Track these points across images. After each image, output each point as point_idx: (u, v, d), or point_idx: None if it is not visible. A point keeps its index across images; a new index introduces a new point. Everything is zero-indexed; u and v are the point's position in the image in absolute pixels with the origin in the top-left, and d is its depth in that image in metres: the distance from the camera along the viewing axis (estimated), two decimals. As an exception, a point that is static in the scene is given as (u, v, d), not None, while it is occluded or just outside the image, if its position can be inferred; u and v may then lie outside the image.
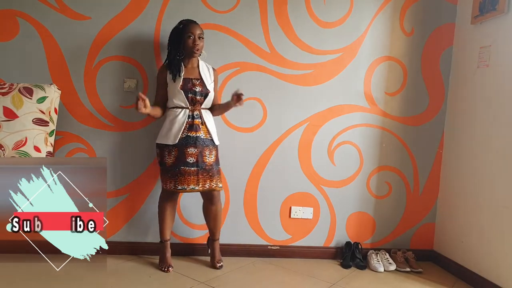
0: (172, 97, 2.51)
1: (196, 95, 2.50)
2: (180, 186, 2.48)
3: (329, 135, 2.96)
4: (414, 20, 2.97)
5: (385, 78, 2.98)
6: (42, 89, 2.40)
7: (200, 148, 2.49)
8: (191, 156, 2.47)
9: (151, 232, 2.83)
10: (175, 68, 2.50)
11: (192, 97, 2.49)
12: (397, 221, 3.07)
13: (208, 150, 2.52)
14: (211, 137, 2.55)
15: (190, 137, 2.48)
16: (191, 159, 2.47)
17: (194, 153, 2.48)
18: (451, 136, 3.00)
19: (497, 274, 2.48)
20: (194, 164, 2.48)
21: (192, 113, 2.50)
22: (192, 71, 2.55)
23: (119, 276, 2.47)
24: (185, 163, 2.47)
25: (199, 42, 2.49)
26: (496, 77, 2.59)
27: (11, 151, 2.28)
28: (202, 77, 2.55)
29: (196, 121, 2.50)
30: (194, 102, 2.51)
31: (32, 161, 2.34)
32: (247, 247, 2.91)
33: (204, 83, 2.54)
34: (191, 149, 2.48)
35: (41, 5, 2.62)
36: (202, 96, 2.52)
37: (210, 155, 2.53)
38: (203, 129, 2.52)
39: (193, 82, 2.51)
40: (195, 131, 2.49)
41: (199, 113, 2.52)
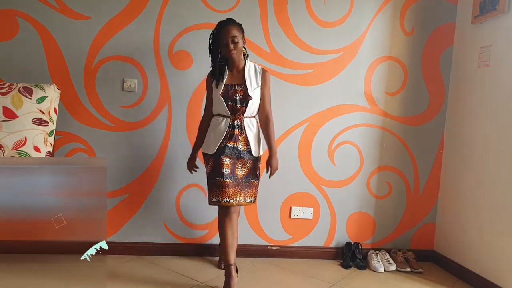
0: (215, 105, 2.38)
1: (237, 103, 2.32)
2: (215, 199, 2.30)
3: (329, 135, 2.95)
4: (415, 20, 2.97)
5: (385, 78, 2.98)
6: (42, 89, 2.39)
7: (234, 159, 2.34)
8: (226, 167, 2.31)
9: (151, 232, 2.83)
10: (217, 74, 2.36)
11: (233, 105, 2.32)
12: (398, 221, 3.07)
13: (241, 162, 2.36)
14: (248, 148, 2.36)
15: (227, 147, 2.32)
16: (227, 170, 2.30)
17: (229, 163, 2.32)
18: (451, 136, 3.00)
19: (497, 274, 2.47)
20: (229, 176, 2.30)
21: (233, 122, 2.34)
22: (237, 76, 2.37)
23: (119, 276, 2.47)
24: (221, 174, 2.29)
25: (233, 46, 2.28)
26: (496, 77, 2.58)
27: (10, 151, 2.27)
28: (246, 82, 2.35)
29: (236, 131, 2.33)
30: (235, 110, 2.33)
31: (32, 161, 2.34)
32: (247, 247, 2.91)
33: (247, 89, 2.34)
34: (227, 159, 2.32)
35: (41, 5, 2.62)
36: (243, 104, 2.32)
37: (243, 168, 2.36)
38: (242, 139, 2.35)
39: (235, 88, 2.34)
40: (234, 141, 2.33)
41: (240, 123, 2.35)
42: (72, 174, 2.69)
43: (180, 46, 2.76)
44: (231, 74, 2.38)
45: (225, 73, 2.37)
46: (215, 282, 2.46)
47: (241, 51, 2.34)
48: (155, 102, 2.77)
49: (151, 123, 2.77)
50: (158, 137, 2.79)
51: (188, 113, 2.80)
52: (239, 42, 2.30)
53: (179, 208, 2.84)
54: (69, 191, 2.67)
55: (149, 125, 2.77)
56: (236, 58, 2.32)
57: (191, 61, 2.77)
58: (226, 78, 2.36)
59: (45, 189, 2.63)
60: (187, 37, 2.75)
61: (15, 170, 2.58)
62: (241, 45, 2.32)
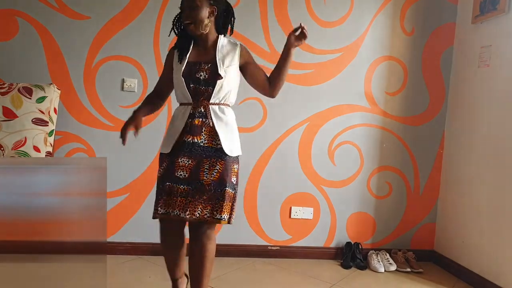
0: (175, 89, 1.90)
1: (200, 84, 1.80)
2: (163, 210, 1.77)
3: (329, 135, 2.95)
4: (415, 20, 2.97)
5: (385, 78, 2.98)
6: (42, 89, 2.39)
7: (196, 159, 1.79)
8: (181, 170, 1.78)
9: (151, 232, 2.82)
10: (181, 45, 1.86)
11: (195, 88, 1.80)
12: (398, 221, 3.07)
13: (208, 163, 1.79)
14: (218, 145, 1.81)
15: (184, 143, 1.79)
16: (182, 173, 1.78)
17: (187, 165, 1.78)
18: (451, 136, 3.00)
19: (498, 274, 2.47)
20: (185, 181, 1.77)
21: (194, 111, 1.81)
22: (204, 54, 1.86)
23: (119, 276, 2.47)
24: (172, 178, 1.78)
25: (189, 12, 1.78)
26: (496, 77, 2.58)
27: (10, 151, 2.27)
28: (216, 58, 1.83)
29: (198, 120, 1.80)
30: (198, 94, 1.81)
31: (32, 161, 2.34)
32: (247, 247, 2.91)
33: (216, 66, 1.81)
34: (183, 159, 1.78)
35: (40, 5, 2.62)
36: (210, 85, 1.80)
37: (211, 171, 1.78)
38: (206, 132, 1.81)
39: (200, 65, 1.82)
40: (193, 134, 1.79)
41: (205, 110, 1.81)
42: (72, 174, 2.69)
43: (180, 46, 2.75)
44: (197, 51, 1.87)
45: (190, 47, 1.86)
46: (215, 282, 2.46)
47: (203, 24, 1.80)
48: (155, 102, 2.77)
49: (151, 123, 2.77)
50: (158, 137, 2.78)
51: (188, 113, 2.79)
52: (200, 10, 1.78)
53: (179, 208, 2.84)
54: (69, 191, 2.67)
55: (149, 125, 2.77)
56: (194, 31, 1.81)
57: (191, 61, 2.77)
58: (189, 54, 1.85)
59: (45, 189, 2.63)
60: (187, 37, 2.75)
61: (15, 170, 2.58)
62: (204, 15, 1.79)
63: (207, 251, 1.83)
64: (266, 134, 2.88)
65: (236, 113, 2.76)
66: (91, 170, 2.68)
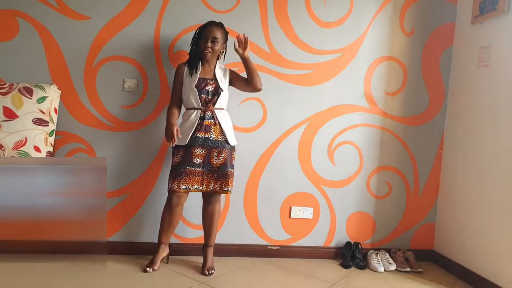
0: (186, 97, 2.52)
1: (209, 94, 2.50)
2: (184, 186, 2.46)
3: (329, 135, 2.95)
4: (414, 20, 2.97)
5: (385, 78, 2.98)
6: (42, 89, 2.39)
7: (208, 150, 2.48)
8: (197, 157, 2.47)
9: (151, 232, 2.83)
10: (193, 63, 2.52)
11: (205, 98, 2.50)
12: (397, 221, 3.07)
13: (217, 151, 2.49)
14: (224, 138, 2.51)
15: (198, 138, 2.47)
16: (198, 160, 2.47)
17: (201, 154, 2.48)
18: (451, 136, 3.00)
19: (497, 274, 2.48)
20: (200, 165, 2.48)
21: (204, 114, 2.49)
22: (208, 71, 2.56)
23: (119, 276, 2.47)
24: (192, 163, 2.47)
25: (211, 45, 2.48)
26: (496, 77, 2.58)
27: (11, 151, 2.27)
28: (216, 77, 2.54)
29: (206, 121, 2.49)
30: (207, 102, 2.50)
31: (32, 161, 2.34)
32: (247, 247, 2.91)
33: (218, 82, 2.53)
34: (198, 149, 2.47)
35: (41, 5, 2.62)
36: (215, 95, 2.51)
37: (219, 157, 2.50)
38: (215, 130, 2.49)
39: (207, 81, 2.52)
40: (204, 131, 2.48)
41: (212, 114, 2.50)
42: (72, 174, 2.70)
43: (180, 46, 2.76)
44: (203, 69, 2.55)
45: (199, 65, 2.54)
46: (215, 282, 2.46)
47: (216, 54, 2.54)
48: (155, 102, 2.77)
49: (151, 123, 2.77)
50: (158, 137, 2.79)
51: (188, 113, 2.80)
52: (218, 44, 2.50)
53: (179, 208, 2.84)
54: (69, 191, 2.68)
55: (149, 125, 2.77)
56: (208, 58, 2.52)
57: (191, 61, 2.77)
58: (200, 70, 2.53)
59: (45, 189, 2.64)
60: (187, 37, 2.75)
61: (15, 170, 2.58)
62: (219, 48, 2.52)
63: (217, 211, 2.63)
64: (266, 134, 2.89)
65: (236, 113, 2.80)
66: (91, 170, 2.68)
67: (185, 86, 2.53)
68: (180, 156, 2.49)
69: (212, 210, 2.60)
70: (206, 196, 2.61)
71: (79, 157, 2.73)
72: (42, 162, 2.40)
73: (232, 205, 2.90)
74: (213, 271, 2.57)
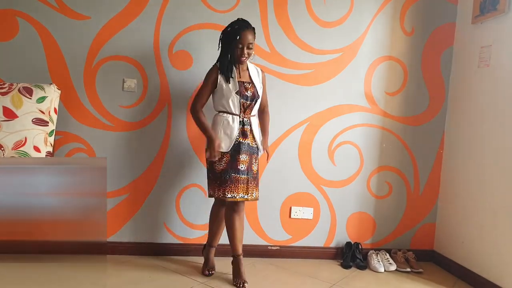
0: (224, 101, 2.39)
1: (248, 100, 2.40)
2: (230, 194, 2.35)
3: (329, 135, 2.95)
4: (415, 20, 2.97)
5: (385, 78, 2.98)
6: (42, 89, 2.39)
7: (249, 156, 2.41)
8: (243, 164, 2.38)
9: (151, 232, 2.83)
10: (228, 70, 2.38)
11: (244, 103, 2.39)
12: (398, 221, 3.07)
13: (254, 157, 2.45)
14: (256, 144, 2.46)
15: (242, 144, 2.38)
16: (243, 166, 2.38)
17: (245, 160, 2.39)
18: (451, 136, 3.00)
19: (498, 274, 2.47)
20: (245, 172, 2.39)
21: (243, 120, 2.41)
22: (243, 74, 2.45)
23: (119, 276, 2.47)
24: (237, 170, 2.37)
25: (247, 51, 2.36)
26: (496, 76, 2.58)
27: (10, 151, 2.27)
28: (253, 80, 2.45)
29: (246, 127, 2.41)
30: (245, 107, 2.40)
31: (32, 161, 2.34)
32: (247, 247, 2.90)
33: (256, 87, 2.44)
34: (243, 156, 2.38)
35: (41, 5, 2.62)
36: (253, 101, 2.42)
37: (256, 163, 2.46)
38: (251, 136, 2.43)
39: (245, 86, 2.41)
40: (245, 137, 2.40)
41: (249, 120, 2.43)
42: (72, 174, 2.69)
43: (180, 46, 2.76)
44: (238, 72, 2.43)
45: (234, 70, 2.40)
46: (215, 282, 2.46)
47: (250, 57, 2.42)
48: (155, 102, 2.77)
49: (151, 123, 2.77)
50: (158, 137, 2.79)
51: (188, 113, 2.79)
52: (253, 49, 2.39)
53: (179, 208, 2.84)
54: (69, 191, 2.67)
55: (149, 125, 2.77)
56: (244, 62, 2.41)
57: (191, 61, 2.77)
58: (235, 75, 2.40)
59: (45, 189, 2.63)
60: (187, 37, 2.75)
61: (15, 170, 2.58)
62: (252, 52, 2.40)
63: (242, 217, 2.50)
64: (266, 134, 2.89)
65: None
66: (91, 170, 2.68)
67: (221, 91, 2.38)
68: (224, 163, 2.37)
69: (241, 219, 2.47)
70: (235, 203, 2.42)
71: (79, 157, 2.72)
72: (41, 162, 2.40)
73: (232, 205, 2.89)
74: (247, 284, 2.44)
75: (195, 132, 2.75)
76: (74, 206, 2.67)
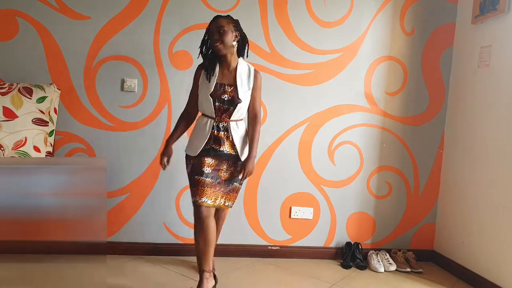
0: (200, 102, 2.23)
1: (224, 104, 2.17)
2: (193, 198, 2.16)
3: (329, 135, 2.95)
4: (415, 20, 2.97)
5: (385, 78, 2.98)
6: (42, 89, 2.39)
7: (218, 161, 2.19)
8: (208, 166, 2.18)
9: (151, 232, 2.83)
10: (209, 65, 2.18)
11: (220, 106, 2.17)
12: (398, 221, 3.07)
13: (226, 164, 2.21)
14: (235, 151, 2.22)
15: (212, 149, 2.19)
16: (208, 169, 2.17)
17: (211, 163, 2.19)
18: (451, 136, 3.00)
19: (498, 274, 2.47)
20: (209, 175, 2.17)
21: (218, 124, 2.19)
22: (228, 75, 2.21)
23: (119, 276, 2.47)
24: (201, 172, 2.16)
25: (217, 36, 2.11)
26: (496, 77, 2.58)
27: (10, 151, 2.27)
28: (237, 83, 2.19)
29: (221, 133, 2.19)
30: (221, 111, 2.18)
31: (32, 161, 2.34)
32: (247, 247, 2.91)
33: (237, 90, 2.18)
34: (209, 159, 2.18)
35: (40, 5, 2.62)
36: (231, 106, 2.17)
37: (227, 171, 2.21)
38: (228, 143, 2.20)
39: (224, 88, 2.18)
40: (219, 144, 2.18)
41: (227, 125, 2.19)
42: (72, 174, 2.69)
43: (180, 46, 2.76)
44: (221, 72, 2.21)
45: (216, 68, 2.20)
46: (215, 282, 2.46)
47: (229, 46, 2.14)
48: (155, 102, 2.77)
49: (151, 123, 2.77)
50: (158, 137, 2.79)
51: (188, 113, 2.80)
52: (227, 34, 2.12)
53: (179, 208, 2.84)
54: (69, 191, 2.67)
55: (149, 125, 2.77)
56: (222, 51, 2.14)
57: (191, 61, 2.77)
58: (217, 76, 2.19)
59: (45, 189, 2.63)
60: (187, 37, 2.75)
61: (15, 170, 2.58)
62: (230, 38, 2.13)
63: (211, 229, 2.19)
64: (266, 134, 2.88)
65: (236, 113, 2.78)
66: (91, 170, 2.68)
67: (200, 92, 2.22)
68: (191, 165, 2.22)
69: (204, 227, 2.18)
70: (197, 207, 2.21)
71: (79, 157, 2.72)
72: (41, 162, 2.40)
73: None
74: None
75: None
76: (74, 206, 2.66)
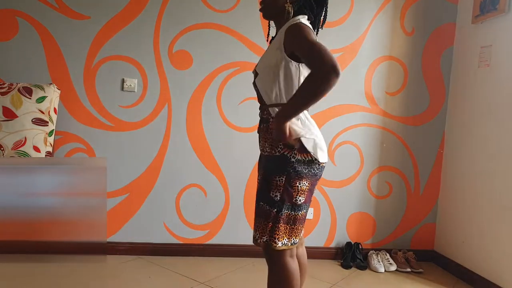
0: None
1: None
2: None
3: (330, 135, 2.95)
4: (415, 20, 2.96)
5: (385, 77, 2.97)
6: (42, 88, 2.39)
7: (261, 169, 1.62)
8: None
9: (151, 232, 2.83)
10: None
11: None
12: (398, 221, 3.07)
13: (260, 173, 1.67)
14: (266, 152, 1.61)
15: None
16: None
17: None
18: (451, 136, 3.00)
19: (498, 274, 2.47)
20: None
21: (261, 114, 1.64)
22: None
23: (119, 276, 2.47)
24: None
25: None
26: (497, 76, 2.58)
27: (10, 151, 2.27)
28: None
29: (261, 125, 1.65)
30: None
31: (32, 161, 2.34)
32: (247, 247, 2.91)
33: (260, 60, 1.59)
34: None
35: (40, 5, 2.62)
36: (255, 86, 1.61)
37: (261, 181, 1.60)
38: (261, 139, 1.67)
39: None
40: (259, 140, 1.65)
41: (267, 113, 1.59)
42: (72, 174, 2.69)
43: (180, 46, 2.76)
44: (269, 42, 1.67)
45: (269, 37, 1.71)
46: (215, 283, 2.46)
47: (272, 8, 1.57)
48: (155, 102, 2.77)
49: (151, 123, 2.77)
50: (158, 137, 2.79)
51: (188, 113, 2.79)
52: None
53: (179, 208, 2.84)
54: (69, 191, 2.68)
55: (149, 125, 2.77)
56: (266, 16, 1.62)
57: (191, 61, 2.77)
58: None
59: (45, 189, 2.64)
60: (187, 37, 2.75)
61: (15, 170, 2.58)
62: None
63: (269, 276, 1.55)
64: (266, 134, 2.88)
65: (236, 113, 2.78)
66: (91, 170, 2.68)
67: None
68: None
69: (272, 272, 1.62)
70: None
71: (79, 157, 2.72)
72: (41, 162, 2.40)
73: (232, 205, 2.89)
74: None
75: (195, 132, 2.75)
76: (74, 206, 2.67)
